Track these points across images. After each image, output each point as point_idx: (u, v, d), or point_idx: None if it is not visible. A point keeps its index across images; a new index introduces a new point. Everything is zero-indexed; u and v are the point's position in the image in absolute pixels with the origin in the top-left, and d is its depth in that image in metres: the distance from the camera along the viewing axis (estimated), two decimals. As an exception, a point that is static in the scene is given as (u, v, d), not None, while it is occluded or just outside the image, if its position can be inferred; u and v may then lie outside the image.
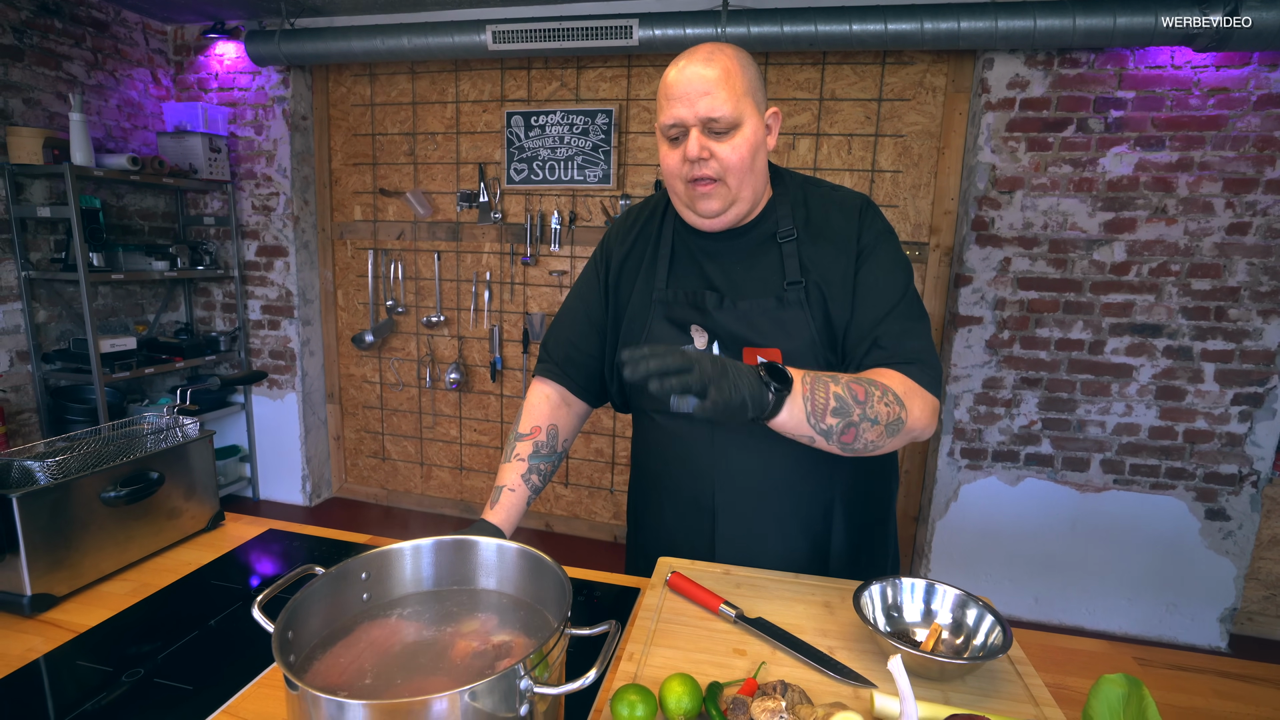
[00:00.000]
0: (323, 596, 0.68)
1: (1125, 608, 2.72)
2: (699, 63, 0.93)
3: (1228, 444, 2.56)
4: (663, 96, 0.96)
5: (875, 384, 0.88)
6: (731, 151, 0.95)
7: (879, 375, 0.92)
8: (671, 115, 0.95)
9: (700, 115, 0.92)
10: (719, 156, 0.95)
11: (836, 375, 0.88)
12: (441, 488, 3.58)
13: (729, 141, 0.94)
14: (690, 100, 0.92)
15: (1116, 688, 0.60)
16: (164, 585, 0.98)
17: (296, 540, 1.14)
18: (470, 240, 3.25)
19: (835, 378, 0.87)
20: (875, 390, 0.87)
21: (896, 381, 0.91)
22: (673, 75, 0.95)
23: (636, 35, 2.52)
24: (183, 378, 3.45)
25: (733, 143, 0.94)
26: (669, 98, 0.95)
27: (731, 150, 0.94)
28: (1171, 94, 2.41)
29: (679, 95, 0.93)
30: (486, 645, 0.70)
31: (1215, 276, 2.48)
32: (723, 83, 0.92)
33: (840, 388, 0.86)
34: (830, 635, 0.84)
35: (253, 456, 3.56)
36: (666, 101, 0.95)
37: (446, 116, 3.18)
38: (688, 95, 0.92)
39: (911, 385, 0.92)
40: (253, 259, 3.40)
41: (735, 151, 0.95)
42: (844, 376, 0.88)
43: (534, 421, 1.15)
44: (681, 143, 0.96)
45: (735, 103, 0.93)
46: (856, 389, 0.86)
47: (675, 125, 0.95)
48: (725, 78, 0.92)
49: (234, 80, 3.27)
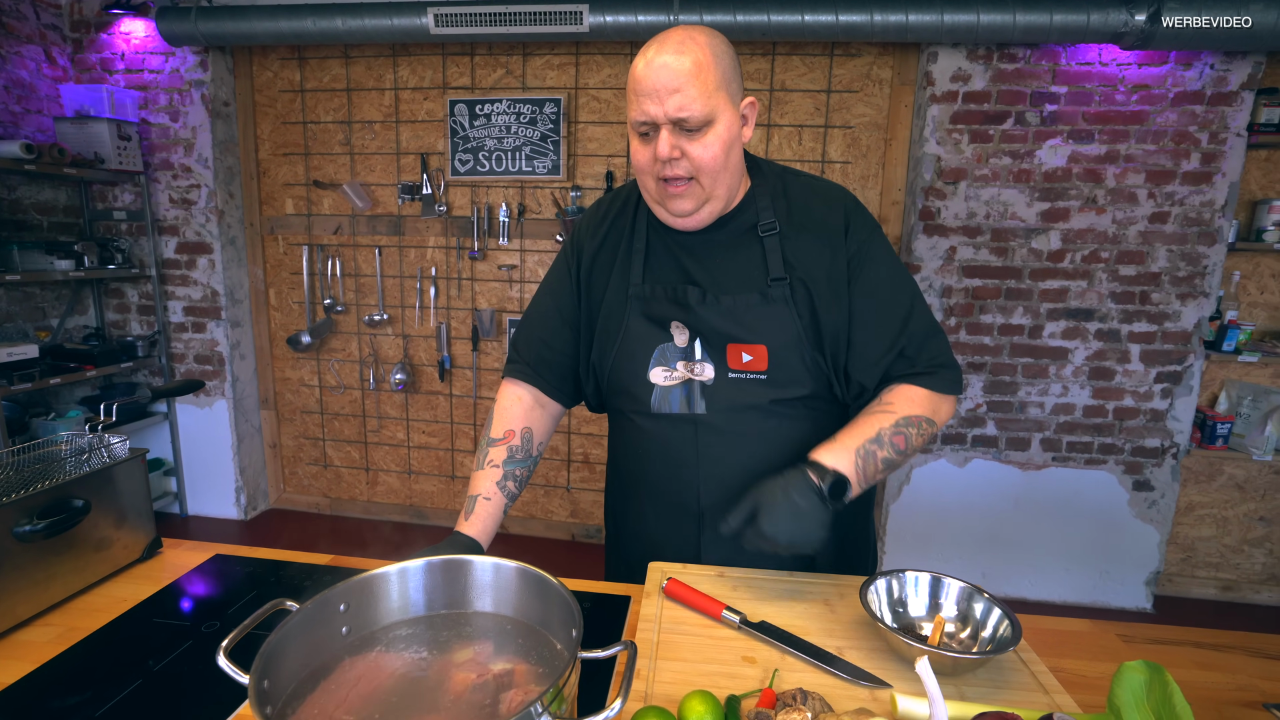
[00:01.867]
0: (298, 635, 0.61)
1: (1063, 577, 2.87)
2: (669, 53, 0.87)
3: (1152, 420, 2.74)
4: (631, 89, 0.90)
5: (911, 422, 0.94)
6: (704, 150, 0.90)
7: (906, 401, 0.95)
8: (641, 111, 0.89)
9: (670, 113, 0.87)
10: (691, 156, 0.90)
11: (881, 434, 0.92)
12: (389, 493, 3.42)
13: (701, 140, 0.89)
14: (659, 97, 0.86)
15: (1139, 675, 0.61)
16: (96, 627, 0.86)
17: (248, 566, 1.04)
18: (414, 234, 3.10)
19: (880, 440, 0.92)
20: (912, 429, 0.94)
21: (923, 401, 0.96)
22: (641, 67, 0.88)
23: (587, 21, 2.45)
24: (94, 388, 3.15)
25: (705, 141, 0.89)
26: (638, 92, 0.89)
27: (704, 149, 0.90)
28: (1099, 89, 2.53)
29: (648, 90, 0.87)
30: (486, 676, 0.64)
31: (1139, 263, 2.63)
32: (694, 77, 0.86)
33: (886, 450, 0.92)
34: (836, 635, 0.82)
35: (178, 470, 3.30)
36: (636, 96, 0.89)
37: (385, 104, 3.01)
38: (657, 91, 0.86)
39: (935, 399, 0.97)
40: (172, 256, 3.14)
41: (708, 150, 0.90)
42: (886, 430, 0.92)
43: (507, 425, 1.08)
44: (652, 139, 0.91)
45: (707, 99, 0.87)
46: (898, 440, 0.93)
47: (645, 122, 0.89)
48: (697, 72, 0.86)
49: (143, 61, 2.99)
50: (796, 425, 1.02)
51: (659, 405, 1.03)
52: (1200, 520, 2.92)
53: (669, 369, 1.02)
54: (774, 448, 1.01)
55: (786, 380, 0.99)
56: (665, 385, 1.02)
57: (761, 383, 0.99)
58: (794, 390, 0.99)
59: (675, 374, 1.01)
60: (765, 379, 0.99)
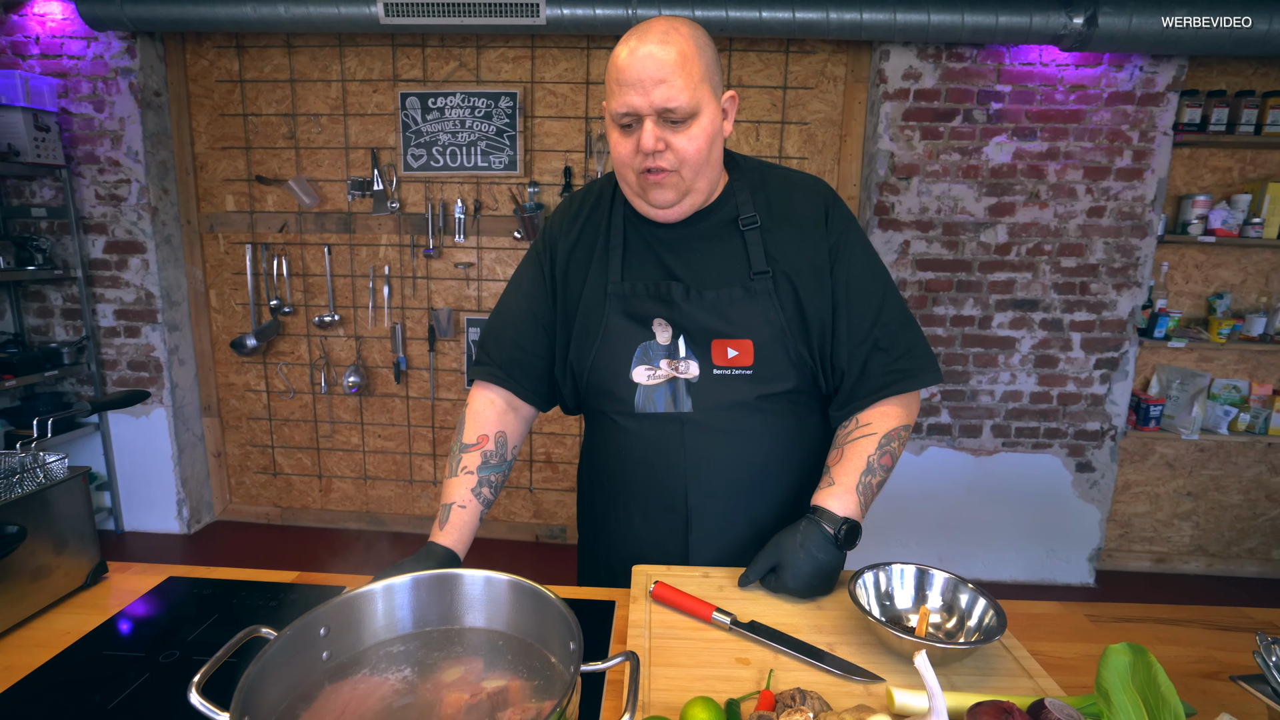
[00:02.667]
0: (277, 665, 0.57)
1: (1014, 558, 3.00)
2: (654, 43, 0.85)
3: (1092, 404, 2.88)
4: (613, 80, 0.87)
5: (892, 437, 0.97)
6: (689, 142, 0.88)
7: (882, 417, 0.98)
8: (624, 103, 0.86)
9: (655, 105, 0.85)
10: (675, 148, 0.88)
11: (870, 462, 0.95)
12: (344, 500, 3.30)
13: (686, 132, 0.88)
14: (645, 88, 0.84)
15: (1123, 657, 0.62)
16: (37, 664, 0.79)
17: (205, 588, 0.97)
18: (365, 232, 2.99)
19: (871, 469, 0.95)
20: (895, 444, 0.97)
21: (898, 413, 0.99)
22: (624, 56, 0.86)
23: (544, 14, 2.40)
24: (14, 399, 2.93)
25: (689, 133, 0.88)
26: (621, 83, 0.86)
27: (689, 141, 0.88)
28: (1041, 89, 2.64)
29: (632, 80, 0.85)
30: (479, 695, 0.61)
31: (1079, 255, 2.76)
32: (680, 68, 0.84)
33: (878, 475, 0.96)
34: (825, 631, 0.82)
35: (113, 484, 3.10)
36: (618, 87, 0.86)
37: (331, 96, 2.89)
38: (642, 81, 0.84)
39: (908, 401, 1.01)
40: (101, 256, 2.94)
41: (693, 142, 0.88)
42: (874, 456, 0.96)
43: (480, 430, 1.05)
44: (634, 131, 0.89)
45: (693, 90, 0.86)
46: (885, 460, 0.97)
47: (628, 114, 0.87)
48: (682, 62, 0.84)
49: (62, 46, 2.78)
50: (782, 421, 1.02)
51: (643, 405, 1.01)
52: (1136, 498, 3.10)
53: (652, 367, 1.00)
54: (761, 444, 1.01)
55: (772, 375, 0.99)
56: (649, 384, 1.00)
57: (747, 378, 0.98)
58: (779, 385, 0.99)
59: (659, 372, 1.00)
60: (751, 374, 0.98)
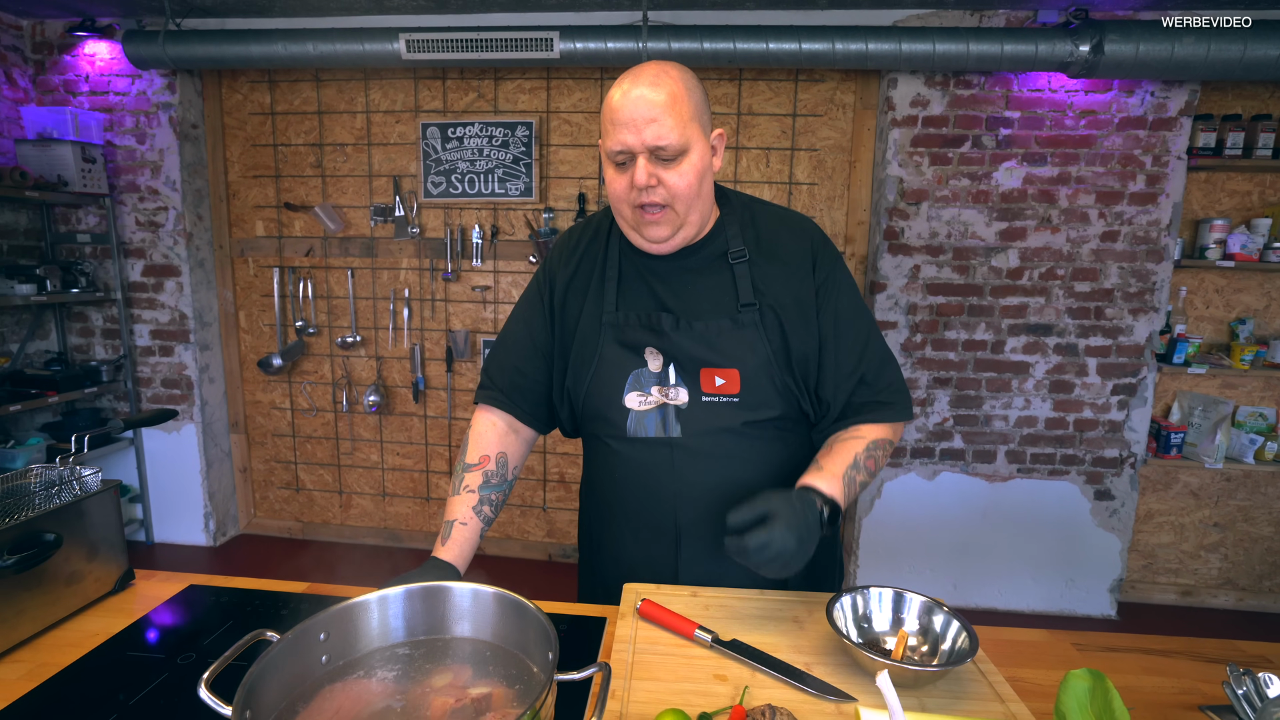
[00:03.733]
0: (279, 665, 0.62)
1: (1031, 586, 2.95)
2: (645, 86, 0.91)
3: (1110, 430, 2.84)
4: (608, 120, 0.94)
5: (878, 445, 1.02)
6: (679, 178, 0.94)
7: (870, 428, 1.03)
8: (618, 141, 0.93)
9: (647, 143, 0.91)
10: (666, 184, 0.94)
11: (857, 459, 0.99)
12: (363, 516, 3.38)
13: (676, 169, 0.94)
14: (637, 127, 0.91)
15: (1083, 682, 0.64)
16: (67, 663, 0.85)
17: (223, 596, 1.03)
18: (386, 256, 3.10)
19: (857, 465, 0.99)
20: (880, 452, 1.03)
21: (885, 429, 1.04)
22: (618, 99, 0.92)
23: (558, 48, 2.50)
24: (56, 414, 3.07)
25: (680, 170, 0.94)
26: (615, 122, 0.92)
27: (679, 177, 0.94)
28: (1050, 115, 2.66)
29: (625, 121, 0.91)
30: (464, 700, 0.66)
31: (1093, 279, 2.75)
32: (670, 109, 0.91)
33: (862, 474, 1.00)
34: (804, 651, 0.85)
35: (144, 496, 3.22)
36: (612, 126, 0.93)
37: (356, 127, 3.02)
38: (634, 121, 0.91)
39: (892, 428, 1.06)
40: (139, 279, 3.09)
41: (683, 178, 0.94)
42: (861, 455, 1.00)
43: (482, 450, 1.10)
44: (628, 168, 0.95)
45: (682, 129, 0.92)
46: (870, 464, 1.01)
47: (622, 152, 0.93)
48: (672, 103, 0.91)
49: (109, 84, 2.96)
50: (769, 446, 1.06)
51: (634, 429, 1.05)
52: (1159, 528, 3.03)
53: (644, 394, 1.05)
54: (747, 469, 1.05)
55: (758, 403, 1.03)
56: (640, 410, 1.05)
57: (734, 405, 1.02)
58: (765, 412, 1.03)
59: (650, 399, 1.04)
60: (738, 402, 1.02)
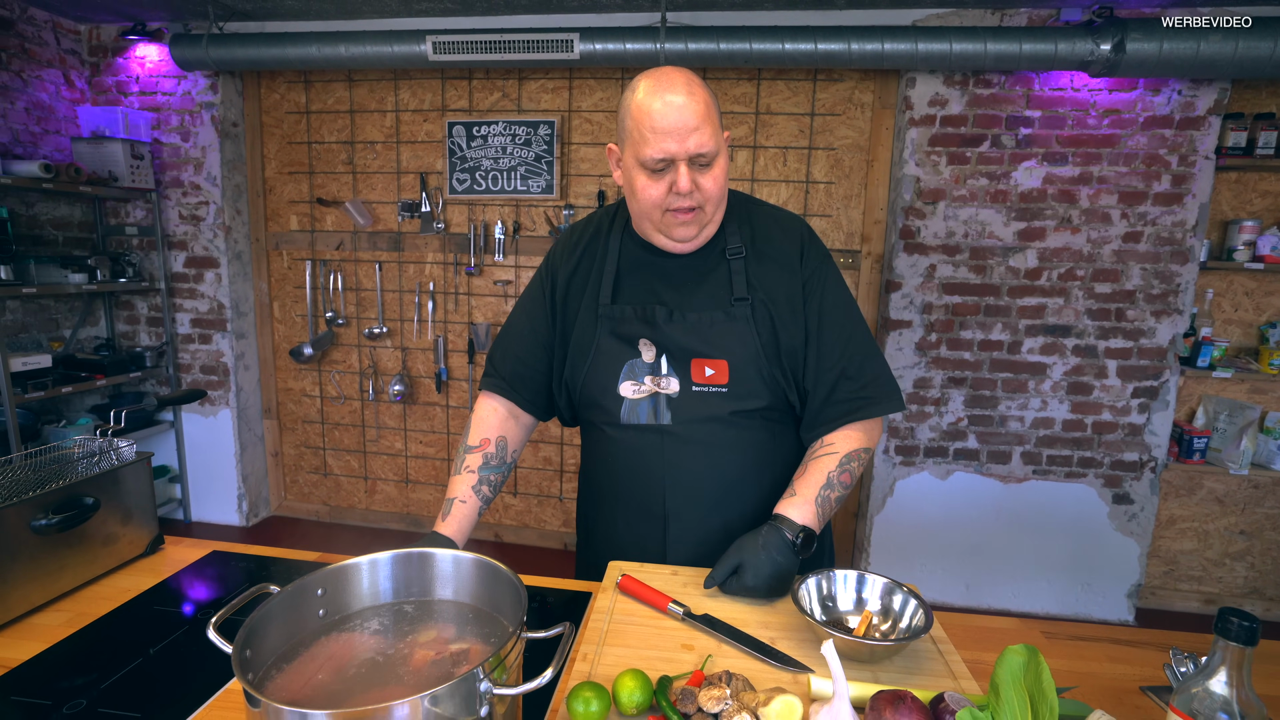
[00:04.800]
0: (279, 614, 0.69)
1: (1045, 589, 2.93)
2: (682, 95, 0.94)
3: (1129, 434, 2.80)
4: (646, 128, 0.95)
5: (852, 457, 1.05)
6: (713, 182, 0.99)
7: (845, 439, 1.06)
8: (661, 149, 0.95)
9: (691, 151, 0.95)
10: (703, 188, 0.99)
11: (830, 478, 1.03)
12: (387, 502, 3.51)
13: (711, 173, 0.99)
14: (681, 136, 0.94)
15: (1018, 657, 0.68)
16: (101, 614, 0.95)
17: (242, 561, 1.12)
18: (413, 250, 3.21)
19: (830, 484, 1.02)
20: (854, 463, 1.05)
21: (859, 436, 1.07)
22: (658, 107, 0.94)
23: (578, 49, 2.56)
24: (104, 396, 3.26)
25: (714, 174, 0.99)
26: (656, 130, 0.94)
27: (713, 181, 0.99)
28: (1072, 114, 2.63)
29: (668, 130, 0.94)
30: (444, 654, 0.72)
31: (1114, 280, 2.71)
32: (707, 117, 0.95)
33: (837, 490, 1.03)
34: (772, 627, 0.90)
35: (183, 477, 3.40)
36: (653, 135, 0.94)
37: (386, 125, 3.14)
38: (678, 130, 0.93)
39: (870, 426, 1.08)
40: (181, 270, 3.26)
41: (716, 182, 0.99)
42: (834, 472, 1.03)
43: (483, 434, 1.16)
44: (666, 175, 0.98)
45: (716, 136, 0.97)
46: (845, 478, 1.04)
47: (664, 159, 0.96)
48: (707, 112, 0.95)
49: (157, 84, 3.13)
50: (755, 435, 1.11)
51: (628, 417, 1.11)
52: (1182, 534, 2.97)
53: (637, 383, 1.10)
54: (734, 456, 1.10)
55: (746, 393, 1.07)
56: (634, 398, 1.11)
57: (723, 395, 1.07)
58: (752, 402, 1.08)
59: (643, 388, 1.10)
60: (726, 392, 1.07)
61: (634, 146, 0.98)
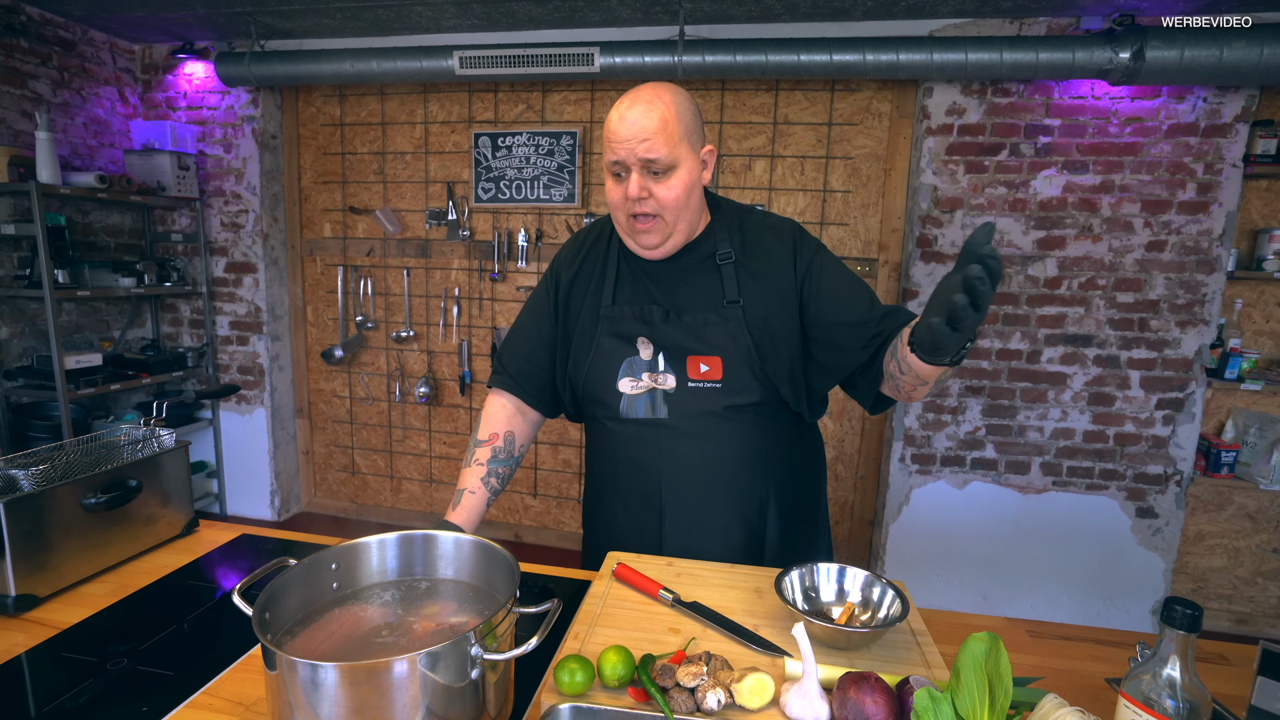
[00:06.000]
0: (296, 584, 0.76)
1: (1066, 603, 2.88)
2: (640, 108, 1.02)
3: (1154, 446, 2.75)
4: (607, 137, 1.06)
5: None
6: (668, 191, 1.05)
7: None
8: (613, 155, 1.05)
9: (640, 155, 1.03)
10: (656, 195, 1.05)
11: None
12: (411, 500, 3.62)
13: (666, 183, 1.05)
14: (630, 145, 1.02)
15: (981, 644, 0.71)
16: (142, 586, 1.04)
17: (269, 544, 1.21)
18: (439, 257, 3.32)
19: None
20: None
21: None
22: (614, 120, 1.04)
23: (598, 62, 2.64)
24: (148, 394, 3.44)
25: (669, 183, 1.05)
26: (611, 140, 1.05)
27: (668, 190, 1.05)
28: (1093, 122, 2.61)
29: (620, 139, 1.03)
30: (444, 625, 0.79)
31: (1137, 290, 2.68)
32: (660, 130, 1.02)
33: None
34: (757, 615, 0.94)
35: (220, 472, 3.56)
36: (610, 143, 1.05)
37: (415, 137, 3.26)
38: (628, 140, 1.02)
39: None
40: (221, 275, 3.43)
41: (671, 191, 1.05)
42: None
43: (491, 429, 1.24)
44: (624, 180, 1.06)
45: (672, 148, 1.03)
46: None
47: (617, 163, 1.05)
48: (662, 126, 1.02)
49: (203, 99, 3.31)
50: (748, 430, 1.15)
51: (627, 411, 1.17)
52: (1211, 550, 2.90)
53: (635, 379, 1.16)
54: (727, 449, 1.15)
55: (738, 389, 1.12)
56: (632, 394, 1.16)
57: (717, 391, 1.13)
58: (745, 397, 1.13)
59: (641, 384, 1.16)
60: (720, 387, 1.13)
61: (604, 152, 1.08)
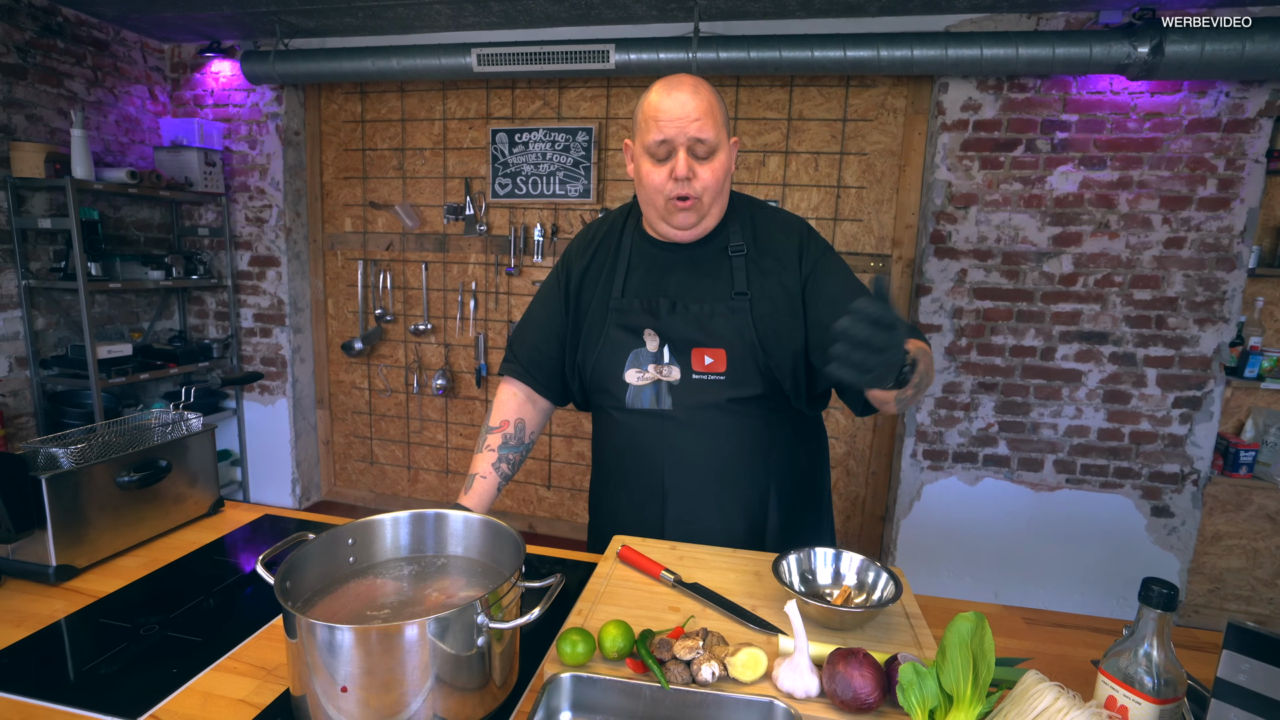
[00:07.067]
0: (315, 556, 0.81)
1: (1079, 601, 2.87)
2: (688, 91, 1.06)
3: (1170, 444, 2.73)
4: (650, 118, 1.07)
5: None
6: (711, 173, 1.08)
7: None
8: (661, 133, 1.06)
9: (691, 134, 1.05)
10: (700, 177, 1.08)
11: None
12: (428, 491, 3.69)
13: (710, 165, 1.08)
14: (682, 124, 1.05)
15: (968, 623, 0.74)
16: (171, 560, 1.10)
17: (290, 524, 1.27)
18: (457, 251, 3.38)
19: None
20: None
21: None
22: (660, 100, 1.06)
23: (613, 59, 2.67)
24: (175, 384, 3.54)
25: (712, 165, 1.08)
26: (659, 118, 1.06)
27: (711, 172, 1.08)
28: (1111, 117, 2.59)
29: (671, 117, 1.05)
30: (453, 598, 0.83)
31: (1155, 287, 2.65)
32: (709, 112, 1.06)
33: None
34: (755, 597, 0.97)
35: (244, 460, 3.66)
36: (655, 122, 1.06)
37: (434, 133, 3.32)
38: (680, 119, 1.05)
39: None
40: (245, 269, 3.52)
41: (714, 173, 1.09)
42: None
43: (502, 416, 1.28)
44: (667, 161, 1.08)
45: (717, 131, 1.07)
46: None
47: (664, 143, 1.06)
48: (710, 108, 1.06)
49: (229, 97, 3.39)
50: (750, 421, 1.18)
51: (632, 402, 1.20)
52: (1229, 551, 2.87)
53: (641, 370, 1.19)
54: (730, 440, 1.18)
55: (742, 381, 1.15)
56: (638, 385, 1.20)
57: (720, 383, 1.16)
58: (748, 390, 1.16)
59: (646, 375, 1.19)
60: (724, 379, 1.15)
61: (641, 135, 1.10)
